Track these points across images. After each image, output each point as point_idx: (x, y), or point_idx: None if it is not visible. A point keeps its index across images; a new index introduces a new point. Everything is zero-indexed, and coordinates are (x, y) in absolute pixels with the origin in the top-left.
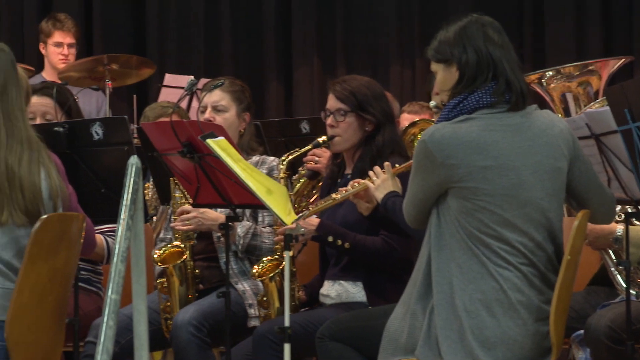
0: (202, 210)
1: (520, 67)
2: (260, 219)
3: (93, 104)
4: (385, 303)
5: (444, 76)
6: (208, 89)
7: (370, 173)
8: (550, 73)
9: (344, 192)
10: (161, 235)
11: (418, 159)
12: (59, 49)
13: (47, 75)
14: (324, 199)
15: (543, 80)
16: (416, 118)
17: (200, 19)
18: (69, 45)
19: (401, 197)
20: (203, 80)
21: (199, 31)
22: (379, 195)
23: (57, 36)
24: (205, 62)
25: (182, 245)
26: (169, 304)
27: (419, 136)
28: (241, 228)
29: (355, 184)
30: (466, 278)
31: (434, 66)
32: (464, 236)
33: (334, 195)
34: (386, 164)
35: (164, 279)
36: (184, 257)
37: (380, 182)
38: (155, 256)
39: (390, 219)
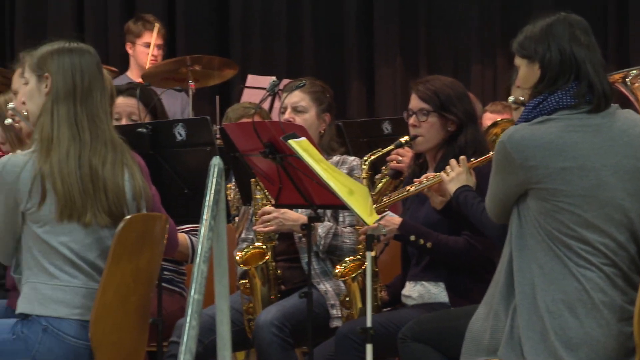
0: (282, 211)
1: (604, 68)
2: (341, 219)
3: (177, 105)
4: (467, 303)
5: (526, 72)
6: (288, 90)
7: (447, 167)
8: (635, 72)
9: (418, 184)
10: (243, 235)
11: (497, 159)
12: (148, 49)
13: (132, 75)
14: (399, 191)
15: (627, 80)
16: (499, 118)
17: (282, 20)
18: (158, 46)
19: (473, 191)
20: (285, 81)
21: (281, 32)
22: (452, 187)
23: (147, 37)
24: (288, 63)
25: (264, 247)
26: (251, 305)
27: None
28: (322, 228)
29: (430, 176)
30: (548, 279)
31: (518, 60)
32: (544, 237)
33: (408, 188)
34: (462, 157)
35: (247, 280)
36: (266, 258)
37: (454, 174)
38: (238, 258)
39: (461, 214)
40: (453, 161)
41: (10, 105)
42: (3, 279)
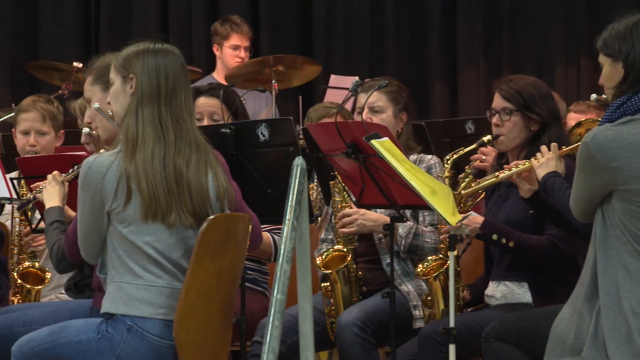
0: (362, 212)
1: None
2: (421, 218)
3: (261, 105)
4: (550, 304)
5: (609, 71)
6: (365, 90)
7: (538, 154)
8: None
9: (507, 170)
10: (322, 235)
11: (581, 160)
12: (235, 51)
13: (218, 76)
14: (488, 176)
15: None
16: (583, 118)
17: (365, 21)
18: (245, 48)
19: (562, 178)
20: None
21: (364, 32)
22: (541, 172)
23: (235, 39)
24: (370, 63)
25: (344, 249)
26: (333, 307)
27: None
28: (403, 228)
29: (520, 163)
30: (633, 280)
31: (601, 58)
32: (629, 238)
33: (497, 173)
34: (553, 144)
35: (328, 284)
36: (347, 261)
37: (544, 160)
38: (318, 262)
39: (548, 204)
40: (544, 147)
41: (96, 105)
42: (89, 278)
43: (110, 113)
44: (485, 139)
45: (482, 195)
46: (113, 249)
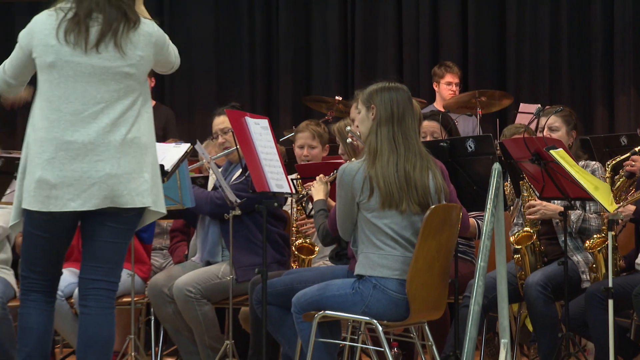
0: (544, 203)
1: None
2: (587, 207)
3: (469, 126)
4: None
5: None
6: (546, 114)
7: None
8: None
9: None
10: (514, 220)
11: None
12: (449, 86)
13: (437, 105)
14: (638, 192)
15: None
16: None
17: (544, 61)
18: (456, 84)
19: None
20: (547, 108)
21: (544, 69)
22: None
23: (448, 77)
24: (550, 93)
25: (531, 230)
26: (522, 273)
27: None
28: (574, 215)
29: None
30: None
31: None
32: None
33: None
34: None
35: (519, 256)
36: (533, 239)
37: None
38: (512, 239)
39: None
40: None
41: (348, 128)
42: (345, 250)
43: (359, 133)
44: (637, 149)
45: (632, 190)
46: (362, 229)
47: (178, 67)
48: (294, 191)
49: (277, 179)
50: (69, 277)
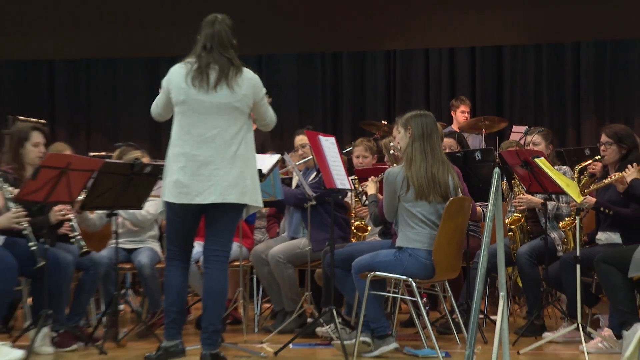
0: (530, 196)
1: None
2: (560, 199)
3: (476, 142)
4: (632, 243)
5: None
6: (530, 133)
7: (626, 169)
8: None
9: (610, 178)
10: (509, 208)
11: None
12: (462, 114)
13: (454, 127)
14: (601, 181)
15: None
16: None
17: (531, 93)
18: (467, 112)
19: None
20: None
21: (530, 100)
22: (629, 179)
23: (462, 107)
24: (534, 118)
25: (520, 215)
26: (514, 245)
27: None
28: (550, 205)
29: (617, 174)
30: None
31: None
32: None
33: (604, 180)
34: (634, 164)
35: (512, 233)
36: (521, 222)
37: (630, 172)
38: (507, 221)
39: (633, 194)
40: (629, 166)
41: (392, 144)
42: (389, 229)
43: (399, 147)
44: (596, 157)
45: (592, 188)
46: (401, 214)
47: (274, 126)
48: (352, 188)
49: (341, 179)
50: (197, 248)
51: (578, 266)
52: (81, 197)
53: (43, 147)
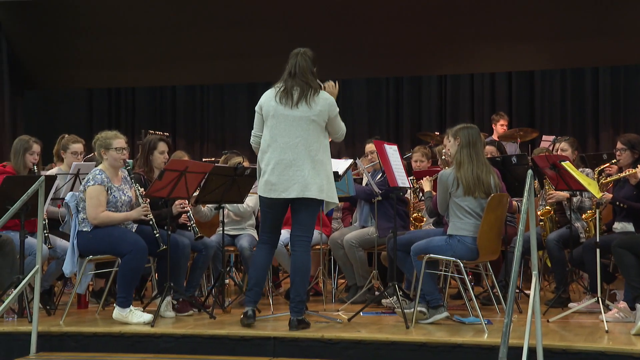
0: (557, 192)
1: None
2: (583, 195)
3: (513, 149)
4: None
5: None
6: (559, 141)
7: (638, 167)
8: None
9: (626, 173)
10: (540, 202)
11: None
12: (501, 126)
13: (494, 137)
14: (618, 175)
15: None
16: None
17: (558, 109)
18: (505, 125)
19: None
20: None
21: (557, 115)
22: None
23: (501, 121)
24: (561, 129)
25: (550, 208)
26: (545, 233)
27: None
28: (575, 199)
29: (630, 170)
30: None
31: None
32: None
33: (620, 174)
34: None
35: (542, 223)
36: (551, 213)
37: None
38: (538, 213)
39: None
40: None
41: (444, 150)
42: (441, 219)
43: (450, 153)
44: (613, 161)
45: (611, 186)
46: (451, 208)
47: (343, 137)
48: (411, 186)
49: (402, 179)
50: (285, 234)
51: (598, 250)
52: (196, 194)
53: (167, 155)
